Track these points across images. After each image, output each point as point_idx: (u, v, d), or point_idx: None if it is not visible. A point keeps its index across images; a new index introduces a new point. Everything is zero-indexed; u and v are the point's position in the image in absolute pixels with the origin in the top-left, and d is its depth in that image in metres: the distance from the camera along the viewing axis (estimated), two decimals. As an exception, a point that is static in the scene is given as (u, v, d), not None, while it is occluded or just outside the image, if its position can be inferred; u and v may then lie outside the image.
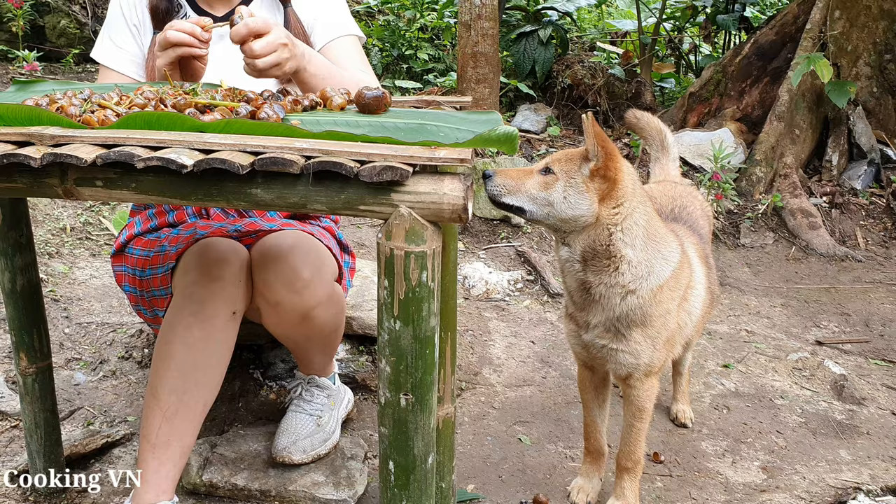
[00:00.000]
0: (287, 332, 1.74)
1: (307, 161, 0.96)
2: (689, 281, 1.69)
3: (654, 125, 2.24)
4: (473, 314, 2.88)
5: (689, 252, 1.73)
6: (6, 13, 4.43)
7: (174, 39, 1.43)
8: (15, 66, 4.36)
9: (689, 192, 2.11)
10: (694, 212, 2.01)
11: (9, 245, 1.59)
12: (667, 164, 2.23)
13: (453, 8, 5.16)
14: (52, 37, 4.78)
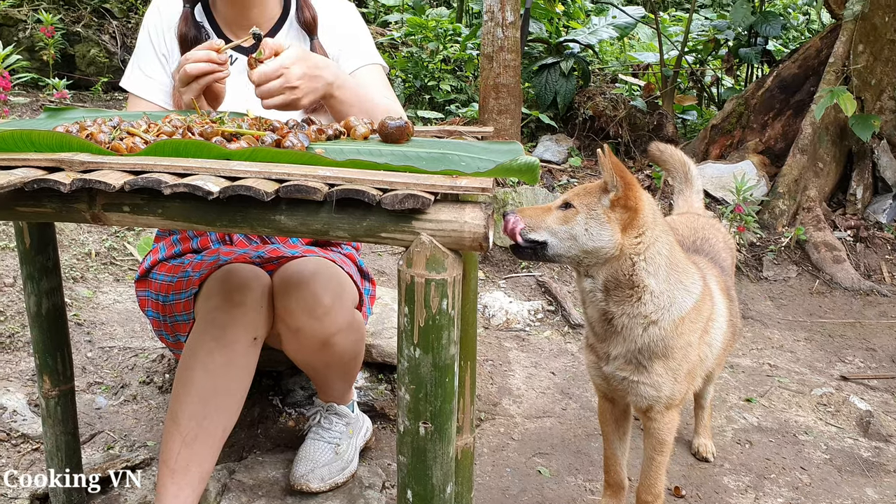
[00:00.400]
0: (307, 358, 1.74)
1: (330, 189, 0.97)
2: (711, 313, 1.68)
3: (678, 157, 2.24)
4: (493, 344, 2.87)
5: (711, 284, 1.72)
6: (38, 42, 4.54)
7: (195, 71, 1.44)
8: (45, 93, 4.45)
9: (711, 224, 2.11)
10: (716, 244, 2.00)
11: (35, 269, 1.61)
12: (690, 197, 2.23)
13: (476, 40, 5.21)
14: (81, 65, 4.88)
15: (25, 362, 2.37)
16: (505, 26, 4.00)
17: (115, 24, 5.03)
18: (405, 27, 5.69)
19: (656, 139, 4.68)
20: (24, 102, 4.27)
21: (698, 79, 5.31)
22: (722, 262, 1.96)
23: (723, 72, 5.33)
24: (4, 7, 4.68)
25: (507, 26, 4.00)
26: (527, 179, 1.08)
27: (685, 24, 5.03)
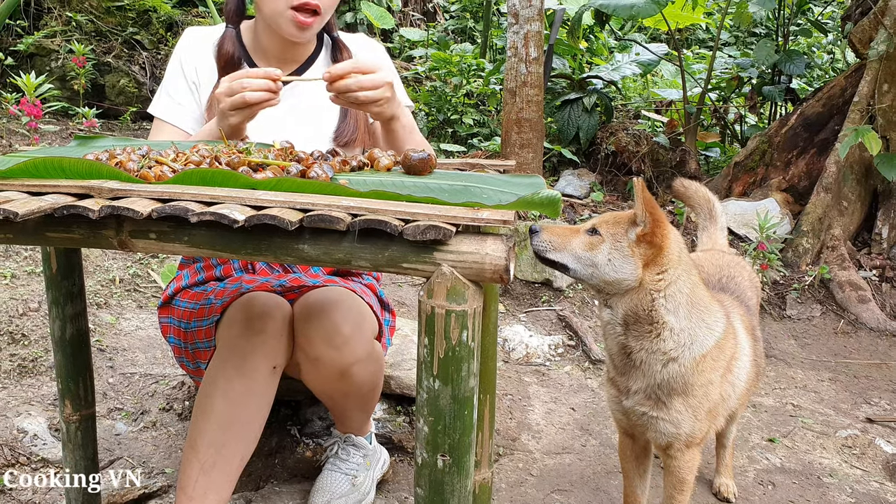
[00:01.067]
0: (325, 388, 1.75)
1: (353, 219, 0.98)
2: (734, 352, 1.66)
3: (702, 194, 2.24)
4: (513, 378, 2.85)
5: (736, 323, 1.71)
6: (69, 72, 4.64)
7: (255, 99, 1.45)
8: (75, 122, 4.54)
9: (736, 262, 2.10)
10: (742, 282, 1.99)
11: (61, 294, 1.63)
12: (714, 233, 2.22)
13: (499, 75, 5.26)
14: (111, 95, 4.98)
15: (48, 387, 2.39)
16: (528, 62, 4.04)
17: (145, 56, 5.13)
18: (429, 62, 5.75)
19: (679, 175, 4.67)
20: (55, 130, 4.35)
21: (721, 116, 5.31)
22: (747, 300, 1.94)
23: (746, 109, 5.33)
24: (38, 37, 4.80)
25: (530, 62, 4.04)
26: (548, 213, 1.08)
27: (708, 62, 5.05)
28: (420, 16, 8.17)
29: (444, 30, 7.32)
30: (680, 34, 7.19)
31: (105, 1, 5.23)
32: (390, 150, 1.58)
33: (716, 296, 1.71)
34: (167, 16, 5.35)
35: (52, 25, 4.98)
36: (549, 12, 5.14)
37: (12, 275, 2.93)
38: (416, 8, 8.27)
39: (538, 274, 3.64)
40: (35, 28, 5.01)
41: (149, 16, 5.31)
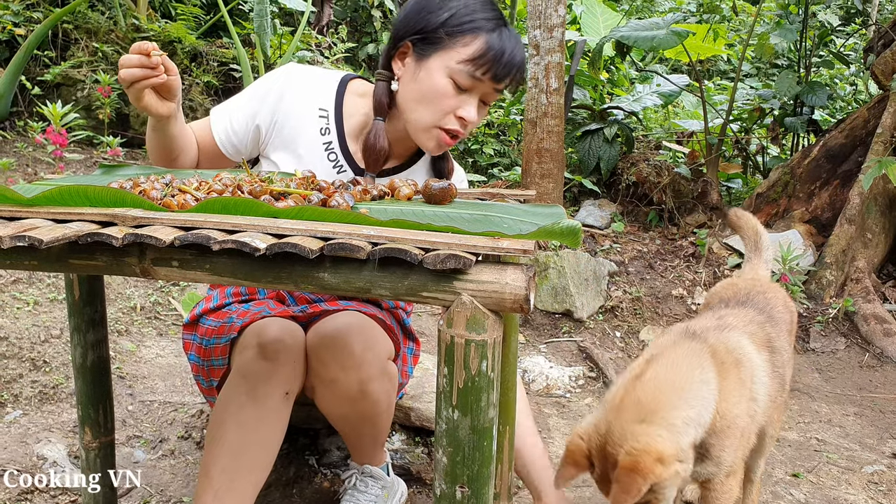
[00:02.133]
0: (341, 411, 1.73)
1: (373, 247, 0.98)
2: (752, 374, 1.64)
3: (752, 226, 2.27)
4: (533, 410, 2.83)
5: (740, 342, 1.67)
6: (95, 101, 4.72)
7: (129, 77, 1.45)
8: (99, 150, 4.61)
9: (773, 286, 2.10)
10: (773, 300, 1.97)
11: (83, 321, 1.64)
12: (758, 265, 2.23)
13: (520, 106, 5.29)
14: (135, 124, 5.05)
15: (67, 413, 2.40)
16: (549, 93, 4.06)
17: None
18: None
19: (701, 206, 4.65)
20: (79, 159, 4.42)
21: (743, 147, 5.29)
22: (775, 313, 1.92)
23: (768, 140, 5.31)
24: (65, 68, 4.89)
25: (551, 93, 4.06)
26: (569, 243, 1.08)
27: (730, 93, 5.05)
28: (441, 47, 8.23)
29: (465, 61, 7.38)
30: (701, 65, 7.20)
31: (131, 32, 5.33)
32: None
33: (697, 336, 1.67)
34: (192, 46, 5.44)
35: (79, 56, 5.07)
36: (570, 44, 5.17)
37: (35, 301, 2.96)
38: (438, 40, 8.34)
39: (559, 304, 3.62)
40: (62, 58, 5.11)
41: (174, 46, 5.40)
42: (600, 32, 5.92)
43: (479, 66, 1.58)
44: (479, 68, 1.58)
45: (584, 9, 6.33)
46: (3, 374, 2.52)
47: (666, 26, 4.45)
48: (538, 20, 4.05)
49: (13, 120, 4.74)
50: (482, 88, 1.62)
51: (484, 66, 1.58)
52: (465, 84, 1.60)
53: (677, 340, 1.59)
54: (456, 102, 1.61)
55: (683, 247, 4.31)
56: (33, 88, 4.66)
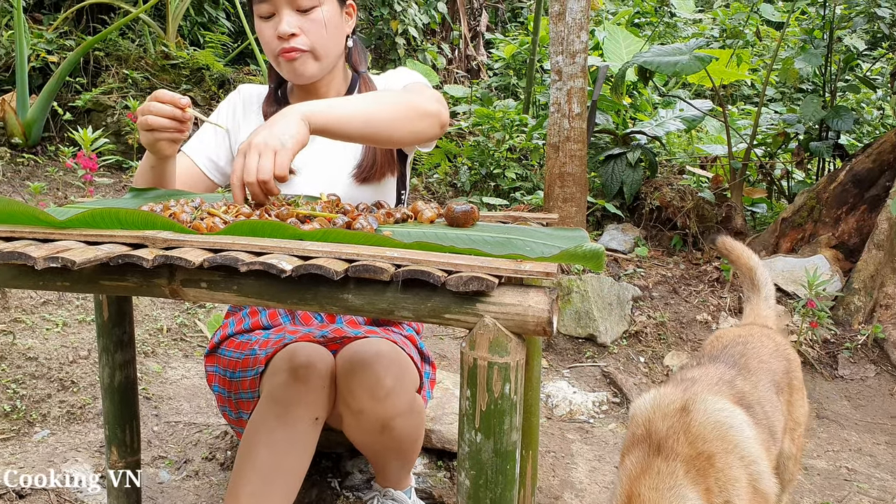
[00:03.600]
0: (367, 440, 1.74)
1: (397, 269, 0.99)
2: (735, 445, 1.59)
3: (745, 261, 2.15)
4: (556, 435, 2.81)
5: (710, 405, 1.63)
6: (124, 127, 4.81)
7: (154, 125, 1.49)
8: (128, 174, 4.69)
9: (763, 333, 1.98)
10: (755, 348, 1.89)
11: (111, 341, 1.67)
12: (757, 305, 2.13)
13: (542, 130, 5.31)
14: (165, 150, 5.13)
15: (94, 433, 2.43)
16: (571, 117, 4.07)
17: (197, 111, 5.29)
18: (473, 117, 5.83)
19: (725, 231, 4.62)
20: (108, 183, 4.50)
21: (768, 172, 5.27)
22: (753, 364, 1.85)
23: (793, 165, 5.28)
24: (96, 94, 4.99)
25: (573, 117, 4.07)
26: (592, 266, 1.08)
27: (754, 118, 5.04)
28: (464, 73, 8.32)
29: (488, 86, 7.44)
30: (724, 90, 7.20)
31: (160, 59, 5.44)
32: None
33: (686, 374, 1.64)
34: (219, 73, 5.54)
35: (109, 82, 5.18)
36: (593, 69, 5.19)
37: (64, 323, 3.00)
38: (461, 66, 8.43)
39: (582, 329, 3.61)
40: (93, 85, 5.22)
41: (202, 73, 5.50)
42: (623, 58, 5.93)
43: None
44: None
45: (607, 34, 6.36)
46: (32, 394, 2.55)
47: (689, 51, 4.46)
48: (560, 46, 4.07)
49: (45, 145, 4.84)
50: (278, 4, 1.69)
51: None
52: (265, 12, 1.71)
53: (645, 463, 1.56)
54: (272, 29, 1.71)
55: (708, 272, 4.29)
56: (65, 114, 4.76)
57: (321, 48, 1.74)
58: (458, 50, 8.48)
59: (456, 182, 5.39)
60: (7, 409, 2.47)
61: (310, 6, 1.70)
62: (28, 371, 2.64)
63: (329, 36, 1.74)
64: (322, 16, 1.71)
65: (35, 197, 3.60)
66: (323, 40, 1.74)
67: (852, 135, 5.51)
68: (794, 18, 6.06)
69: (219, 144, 1.88)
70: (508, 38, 7.89)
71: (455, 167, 5.53)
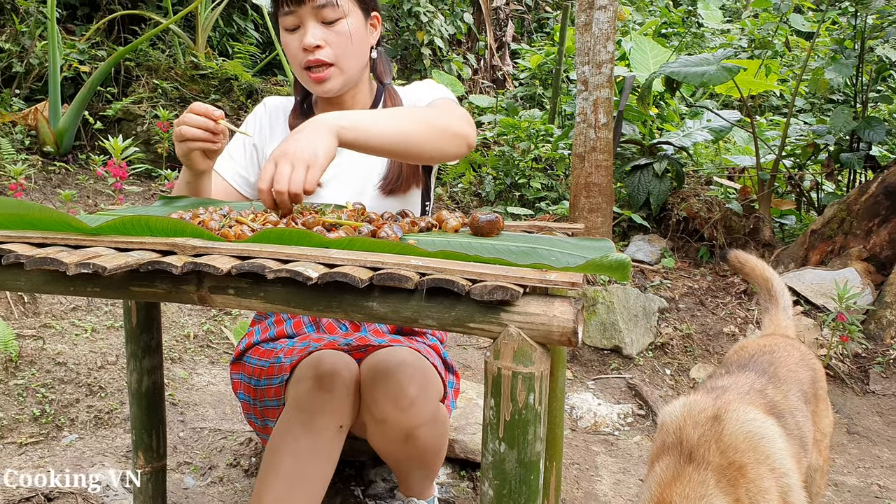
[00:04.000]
0: (390, 449, 1.74)
1: (421, 278, 0.99)
2: (767, 456, 1.58)
3: (759, 273, 2.13)
4: (580, 447, 2.80)
5: (742, 414, 1.62)
6: (154, 136, 4.87)
7: (188, 135, 1.52)
8: (157, 183, 4.75)
9: (787, 342, 1.97)
10: (782, 357, 1.88)
11: (139, 347, 1.69)
12: (777, 315, 2.11)
13: (568, 140, 5.30)
14: (193, 159, 5.19)
15: (121, 439, 2.46)
16: (597, 128, 4.06)
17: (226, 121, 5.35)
18: (498, 127, 5.84)
19: (752, 243, 4.58)
20: (138, 191, 4.56)
21: (797, 183, 5.21)
22: (782, 373, 1.83)
23: (823, 177, 5.22)
24: (126, 103, 5.07)
25: (599, 128, 4.06)
26: (618, 277, 1.08)
27: (782, 129, 4.99)
28: (489, 83, 8.34)
29: (514, 97, 7.44)
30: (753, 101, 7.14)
31: (189, 69, 5.51)
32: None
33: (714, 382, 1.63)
34: (248, 83, 5.60)
35: (140, 92, 5.26)
36: (619, 79, 5.18)
37: (93, 328, 3.04)
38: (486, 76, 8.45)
39: (607, 340, 3.59)
40: (124, 94, 5.30)
41: (230, 83, 5.56)
42: (650, 68, 5.91)
43: (281, 3, 1.71)
44: (281, 4, 1.71)
45: (634, 45, 6.34)
46: (61, 399, 2.59)
47: (716, 62, 4.43)
48: (586, 56, 4.07)
49: (76, 153, 4.92)
50: (305, 16, 1.70)
51: (282, 0, 1.71)
52: (290, 24, 1.72)
53: (677, 470, 1.54)
54: (297, 41, 1.72)
55: (735, 283, 4.24)
56: (96, 123, 4.84)
57: (346, 60, 1.75)
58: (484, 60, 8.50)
59: (480, 192, 5.39)
60: (36, 413, 2.50)
61: (335, 18, 1.71)
62: (57, 376, 2.68)
63: (354, 48, 1.75)
64: (347, 27, 1.72)
65: (66, 204, 3.66)
66: (348, 52, 1.75)
67: (884, 146, 5.43)
68: (824, 28, 6.01)
69: (248, 160, 1.89)
70: (534, 49, 7.90)
71: (479, 177, 5.54)
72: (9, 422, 2.45)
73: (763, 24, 5.40)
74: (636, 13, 8.43)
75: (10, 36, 4.96)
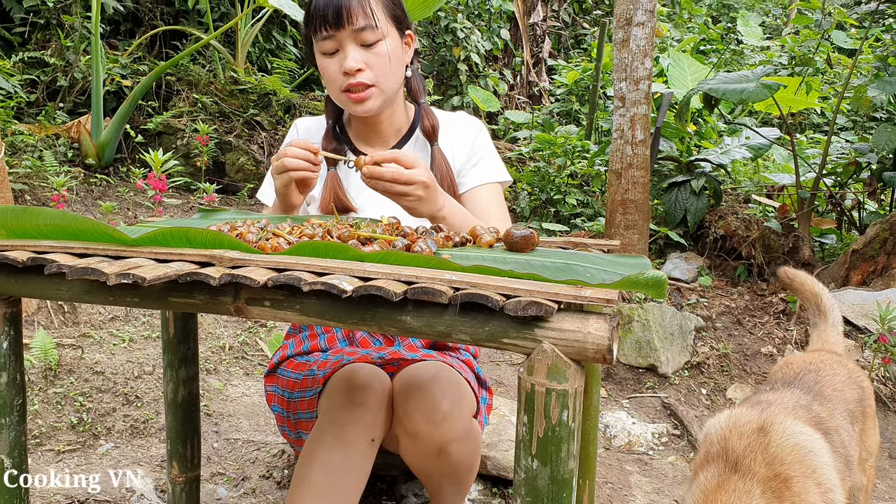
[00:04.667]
0: (422, 464, 1.74)
1: (455, 292, 0.99)
2: (813, 469, 1.55)
3: (809, 288, 2.11)
4: (614, 466, 2.76)
5: (788, 426, 1.59)
6: (193, 149, 4.95)
7: (291, 165, 1.56)
8: (196, 196, 4.82)
9: (834, 360, 1.94)
10: (828, 376, 1.84)
11: (176, 358, 1.71)
12: (825, 331, 2.08)
13: (604, 157, 5.27)
14: (230, 172, 5.27)
15: (156, 448, 2.48)
16: (634, 144, 4.04)
17: (264, 136, 5.43)
18: (534, 143, 5.84)
19: (791, 262, 4.51)
20: (177, 204, 4.63)
21: (838, 202, 5.12)
22: (828, 391, 1.80)
23: (865, 195, 5.12)
24: (167, 117, 5.16)
25: (636, 144, 4.04)
26: (653, 294, 1.07)
27: (823, 147, 4.92)
28: (525, 99, 8.35)
29: (550, 112, 7.44)
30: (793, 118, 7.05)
31: (229, 84, 5.59)
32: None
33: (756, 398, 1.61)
34: (286, 99, 5.67)
35: (180, 106, 5.35)
36: (657, 96, 5.15)
37: (130, 339, 3.08)
38: (522, 91, 8.46)
39: (642, 359, 3.55)
40: (164, 108, 5.40)
41: (269, 98, 5.64)
42: (688, 85, 5.87)
43: (319, 28, 1.71)
44: (320, 29, 1.71)
45: (672, 62, 6.31)
46: (98, 408, 2.63)
47: (756, 79, 4.39)
48: (624, 73, 4.06)
49: (117, 166, 5.02)
50: (344, 39, 1.71)
51: (320, 25, 1.71)
52: (328, 48, 1.73)
53: (722, 478, 1.52)
54: (337, 65, 1.73)
55: (773, 303, 4.17)
56: (137, 136, 4.93)
57: (385, 81, 1.77)
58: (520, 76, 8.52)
59: (515, 207, 5.39)
60: (74, 421, 2.54)
61: (374, 40, 1.72)
62: (95, 385, 2.72)
63: (392, 68, 1.77)
64: (386, 49, 1.74)
65: (106, 216, 3.73)
66: (387, 74, 1.77)
67: (929, 165, 5.31)
68: (867, 45, 5.92)
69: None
70: (571, 65, 7.89)
71: (514, 192, 5.53)
72: (47, 429, 2.50)
73: (804, 41, 5.34)
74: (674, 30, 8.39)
75: (56, 51, 5.09)
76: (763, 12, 11.42)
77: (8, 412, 1.28)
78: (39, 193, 4.03)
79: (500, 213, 1.87)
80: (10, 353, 1.27)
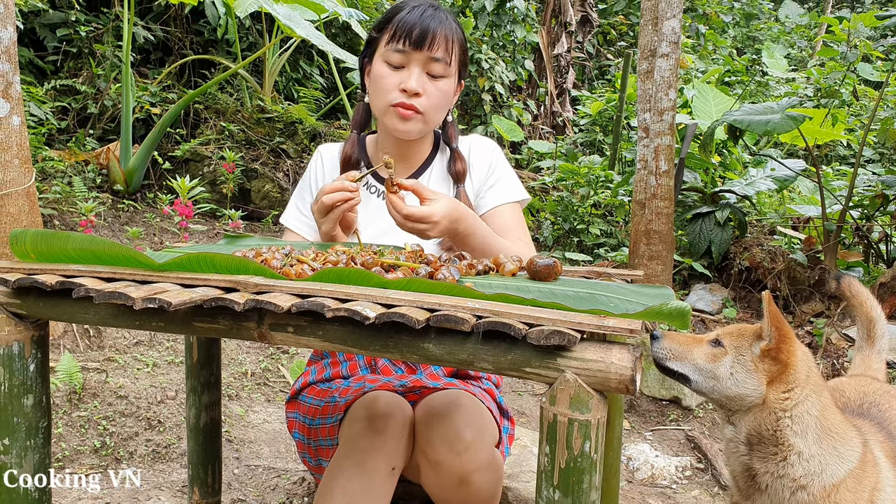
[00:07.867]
0: (444, 494, 1.72)
1: (478, 320, 0.99)
2: (876, 482, 1.53)
3: (866, 310, 2.08)
4: (636, 499, 2.72)
5: (875, 450, 1.58)
6: (220, 176, 5.01)
7: (331, 201, 1.57)
8: (221, 222, 4.87)
9: (886, 389, 1.94)
10: (888, 411, 1.84)
11: (199, 383, 1.72)
12: (869, 357, 2.06)
13: (628, 187, 5.26)
14: (256, 199, 5.32)
15: (177, 473, 2.49)
16: (658, 175, 4.03)
17: (289, 163, 5.49)
18: (557, 172, 5.84)
19: (818, 295, 4.45)
20: (202, 230, 4.68)
21: (864, 234, 5.07)
22: (892, 428, 1.79)
23: (892, 228, 5.06)
24: (194, 145, 5.24)
25: (660, 175, 4.03)
26: (677, 325, 1.06)
27: (849, 179, 4.88)
28: (549, 129, 8.37)
29: (573, 142, 7.45)
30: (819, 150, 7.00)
31: (256, 113, 5.67)
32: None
33: (852, 421, 1.59)
34: (312, 127, 5.74)
35: (208, 134, 5.43)
36: (681, 126, 5.14)
37: (154, 363, 3.10)
38: (546, 122, 8.50)
39: (666, 391, 3.51)
40: (192, 136, 5.49)
41: (295, 127, 5.71)
42: (712, 116, 5.86)
43: (396, 40, 1.72)
44: (398, 41, 1.72)
45: (696, 93, 6.31)
46: (121, 432, 2.64)
47: (781, 110, 4.37)
48: (648, 104, 4.06)
49: (144, 192, 5.09)
50: (415, 60, 1.73)
51: (400, 38, 1.71)
52: (395, 61, 1.73)
53: None
54: (397, 79, 1.74)
55: (799, 336, 4.12)
56: (164, 163, 5.01)
57: (434, 114, 1.80)
58: (544, 106, 8.56)
59: (538, 236, 5.38)
60: (97, 445, 2.56)
61: (440, 74, 1.76)
62: (118, 409, 2.74)
63: (444, 106, 1.81)
64: (448, 87, 1.79)
65: (133, 241, 3.78)
66: (438, 108, 1.80)
67: (957, 198, 5.25)
68: (894, 78, 5.88)
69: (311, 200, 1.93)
70: (595, 96, 7.92)
71: (538, 222, 5.53)
72: (70, 452, 2.51)
73: (830, 73, 5.32)
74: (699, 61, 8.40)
75: (87, 79, 5.19)
76: (788, 44, 11.42)
77: (33, 434, 1.29)
78: (68, 218, 4.09)
79: (521, 231, 1.87)
80: (37, 376, 1.28)
